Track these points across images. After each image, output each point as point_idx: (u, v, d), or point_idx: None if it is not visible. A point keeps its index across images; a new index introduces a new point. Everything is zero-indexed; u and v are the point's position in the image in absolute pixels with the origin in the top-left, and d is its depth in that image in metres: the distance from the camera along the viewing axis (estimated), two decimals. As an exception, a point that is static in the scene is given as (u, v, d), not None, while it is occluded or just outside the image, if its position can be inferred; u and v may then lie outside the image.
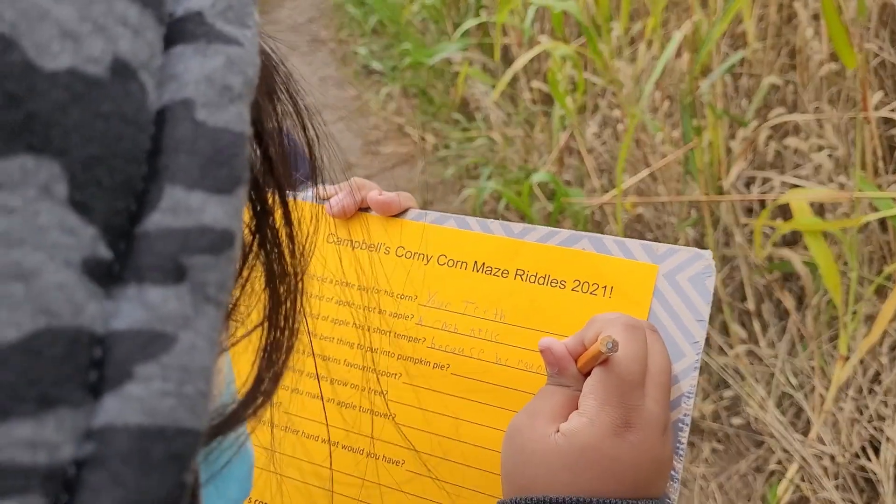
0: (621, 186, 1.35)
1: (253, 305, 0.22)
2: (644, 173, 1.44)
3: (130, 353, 0.14)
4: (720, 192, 1.43)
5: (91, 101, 0.15)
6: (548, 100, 2.00)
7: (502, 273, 0.47)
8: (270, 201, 0.22)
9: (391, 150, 2.48)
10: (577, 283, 0.45)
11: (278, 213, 0.22)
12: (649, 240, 1.60)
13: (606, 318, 0.39)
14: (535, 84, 1.93)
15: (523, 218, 1.79)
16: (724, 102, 1.49)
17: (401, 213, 0.51)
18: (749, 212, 1.49)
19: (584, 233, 0.46)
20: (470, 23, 2.20)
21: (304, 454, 0.48)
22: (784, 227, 1.20)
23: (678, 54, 1.48)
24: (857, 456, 1.22)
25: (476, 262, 0.48)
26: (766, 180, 1.45)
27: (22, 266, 0.13)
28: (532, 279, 0.46)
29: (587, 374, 0.38)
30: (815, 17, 1.36)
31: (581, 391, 0.38)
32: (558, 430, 0.37)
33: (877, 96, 1.21)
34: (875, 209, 1.15)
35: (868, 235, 1.30)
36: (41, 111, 0.14)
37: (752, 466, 1.32)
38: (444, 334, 0.47)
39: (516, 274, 0.47)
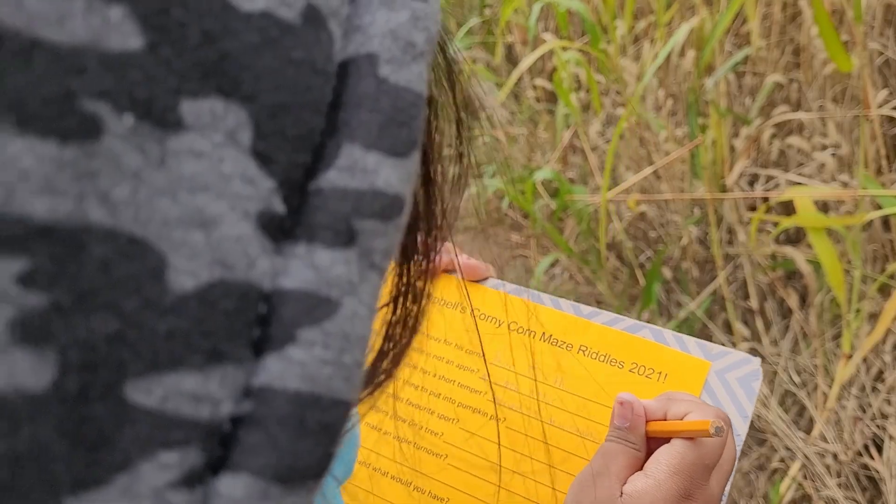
0: (608, 183, 1.35)
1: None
2: (648, 171, 1.44)
3: (296, 316, 0.14)
4: (723, 190, 1.43)
5: (283, 46, 0.14)
6: (551, 98, 2.00)
7: (567, 346, 0.51)
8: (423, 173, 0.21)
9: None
10: (635, 365, 0.49)
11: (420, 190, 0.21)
12: (653, 238, 1.60)
13: (695, 401, 0.41)
14: (539, 82, 1.94)
15: (526, 217, 1.79)
16: (727, 101, 1.50)
17: (481, 280, 0.55)
18: (752, 209, 1.49)
19: (646, 324, 0.50)
20: (474, 20, 2.20)
21: (366, 485, 0.52)
22: (787, 222, 1.20)
23: (682, 53, 1.48)
24: (860, 454, 1.22)
25: (544, 333, 0.52)
26: (769, 178, 1.45)
27: (204, 213, 0.13)
28: (593, 356, 0.50)
29: (650, 441, 0.41)
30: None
31: (643, 454, 0.40)
32: (622, 493, 0.38)
33: (881, 95, 1.21)
34: (878, 207, 1.15)
35: (871, 233, 1.30)
36: (234, 52, 0.13)
37: (755, 464, 1.32)
38: (506, 391, 0.51)
39: (579, 349, 0.51)
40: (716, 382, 0.47)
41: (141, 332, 0.13)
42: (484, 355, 0.52)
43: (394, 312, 0.22)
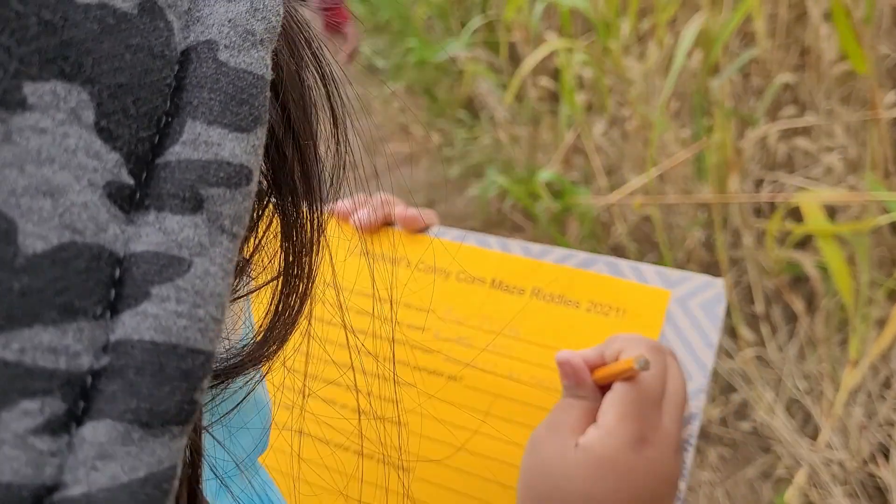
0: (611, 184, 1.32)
1: (272, 257, 0.23)
2: (654, 173, 1.42)
3: (148, 274, 0.15)
4: (729, 192, 1.41)
5: (121, 33, 0.16)
6: (554, 98, 1.98)
7: (519, 291, 0.48)
8: (289, 152, 0.22)
9: (395, 149, 2.47)
10: (592, 304, 0.47)
11: (296, 165, 0.23)
12: (656, 242, 1.58)
13: (628, 338, 0.41)
14: (542, 82, 1.92)
15: (529, 217, 1.78)
16: (733, 102, 1.48)
17: (423, 230, 0.52)
18: (758, 213, 1.47)
19: (600, 256, 0.48)
20: (477, 21, 2.19)
21: (315, 457, 0.49)
22: (797, 231, 1.19)
23: (688, 53, 1.47)
24: (867, 462, 1.20)
25: (494, 279, 0.49)
26: (775, 181, 1.43)
27: (51, 183, 0.14)
28: (547, 298, 0.48)
29: (603, 389, 0.40)
30: (827, 16, 1.34)
31: (597, 404, 0.39)
32: (577, 444, 0.38)
33: (889, 97, 1.19)
34: (886, 211, 1.14)
35: (879, 238, 1.28)
36: (74, 40, 0.15)
37: (760, 472, 1.31)
38: (460, 348, 0.48)
39: (532, 292, 0.48)
40: (677, 312, 0.45)
41: None
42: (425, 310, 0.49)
43: (284, 284, 0.23)
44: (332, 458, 0.48)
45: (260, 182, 0.20)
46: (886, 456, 1.19)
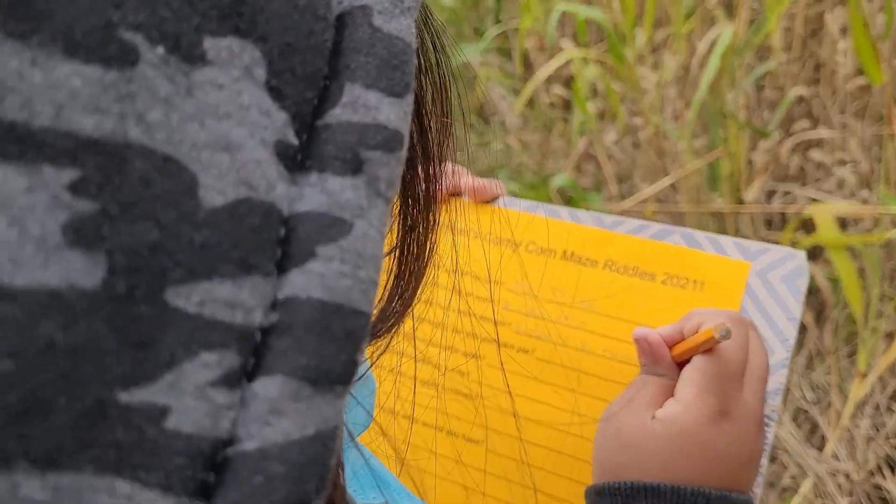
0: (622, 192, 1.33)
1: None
2: (665, 182, 1.43)
3: (313, 234, 0.15)
4: (741, 203, 1.42)
5: None
6: (566, 105, 1.99)
7: (591, 262, 0.47)
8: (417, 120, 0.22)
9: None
10: (667, 276, 0.45)
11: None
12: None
13: (708, 312, 0.39)
14: (555, 89, 1.93)
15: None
16: (746, 113, 1.49)
17: (492, 200, 0.51)
18: (769, 224, 1.48)
19: (676, 227, 0.46)
20: (494, 31, 2.20)
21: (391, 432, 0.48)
22: (807, 242, 1.20)
23: (703, 64, 1.48)
24: (873, 474, 1.21)
25: (565, 250, 0.48)
26: (787, 193, 1.44)
27: (228, 138, 0.14)
28: (621, 270, 0.46)
29: (681, 365, 0.39)
30: (844, 30, 1.35)
31: (675, 381, 0.38)
32: (654, 417, 0.37)
33: (904, 112, 1.20)
34: (898, 225, 1.15)
35: (890, 252, 1.29)
36: None
37: (765, 481, 1.31)
38: (530, 320, 0.47)
39: (605, 264, 0.47)
40: (757, 284, 0.43)
41: (178, 242, 0.14)
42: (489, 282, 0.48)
43: (402, 250, 0.23)
44: (425, 433, 0.47)
45: None
46: (892, 468, 1.20)
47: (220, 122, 0.14)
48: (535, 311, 0.47)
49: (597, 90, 1.76)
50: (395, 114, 0.17)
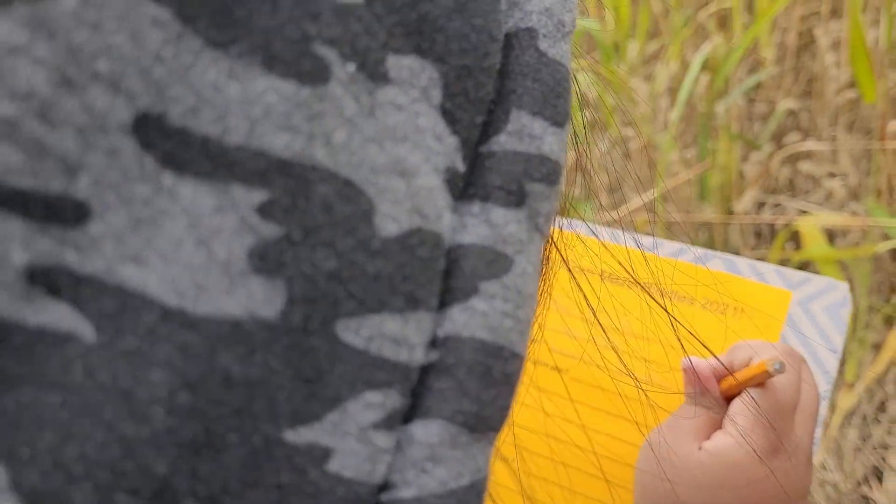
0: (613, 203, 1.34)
1: None
2: (657, 192, 1.44)
3: (477, 269, 0.14)
4: (731, 214, 1.43)
5: (467, 12, 0.15)
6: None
7: (630, 283, 0.46)
8: None
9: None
10: (707, 301, 0.44)
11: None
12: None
13: (758, 345, 0.38)
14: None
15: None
16: (737, 125, 1.50)
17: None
18: (758, 236, 1.49)
19: (716, 252, 0.45)
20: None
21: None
22: (798, 257, 1.21)
23: (695, 77, 1.49)
24: (860, 484, 1.21)
25: (603, 270, 0.47)
26: (776, 204, 1.46)
27: (405, 163, 0.14)
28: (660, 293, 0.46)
29: (729, 398, 0.38)
30: (835, 44, 1.37)
31: (721, 414, 0.37)
32: (701, 448, 0.36)
33: (892, 125, 1.22)
34: (886, 237, 1.16)
35: (878, 264, 1.30)
36: (431, 14, 0.14)
37: (754, 490, 1.32)
38: (565, 339, 0.46)
39: (644, 287, 0.46)
40: (799, 314, 0.42)
41: (353, 272, 0.13)
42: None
43: None
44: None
45: None
46: (880, 478, 1.20)
47: (397, 145, 0.13)
48: (570, 331, 0.46)
49: (588, 101, 1.77)
50: (557, 144, 0.16)
